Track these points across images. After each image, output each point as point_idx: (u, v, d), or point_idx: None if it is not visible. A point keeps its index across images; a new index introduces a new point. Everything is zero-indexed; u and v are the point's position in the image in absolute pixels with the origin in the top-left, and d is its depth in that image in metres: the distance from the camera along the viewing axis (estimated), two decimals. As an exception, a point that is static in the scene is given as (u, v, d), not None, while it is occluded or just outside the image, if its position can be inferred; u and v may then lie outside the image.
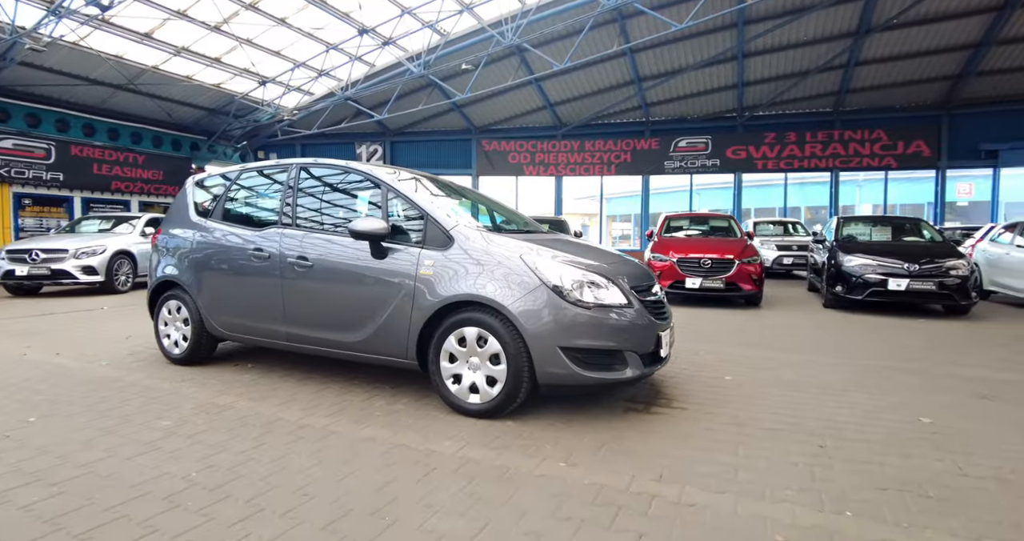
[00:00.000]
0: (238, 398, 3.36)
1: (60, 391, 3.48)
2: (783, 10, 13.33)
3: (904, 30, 13.84)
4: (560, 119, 18.87)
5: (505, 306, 2.85)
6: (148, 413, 3.07)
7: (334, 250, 3.39)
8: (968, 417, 3.17)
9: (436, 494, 2.15)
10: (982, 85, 15.43)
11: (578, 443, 2.69)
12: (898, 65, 15.22)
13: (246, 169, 4.13)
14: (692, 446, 2.69)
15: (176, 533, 1.86)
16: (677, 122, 18.77)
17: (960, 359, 4.68)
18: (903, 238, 8.74)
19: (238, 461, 2.44)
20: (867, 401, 3.44)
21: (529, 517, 1.99)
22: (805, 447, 2.70)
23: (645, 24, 13.95)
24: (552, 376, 2.83)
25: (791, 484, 2.29)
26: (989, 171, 16.65)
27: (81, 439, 2.68)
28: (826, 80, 16.16)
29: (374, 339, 3.24)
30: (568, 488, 2.22)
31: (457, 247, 3.07)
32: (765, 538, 1.88)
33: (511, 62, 15.60)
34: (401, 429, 2.86)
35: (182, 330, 4.10)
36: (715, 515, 2.03)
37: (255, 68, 14.32)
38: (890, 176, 18.05)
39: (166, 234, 4.28)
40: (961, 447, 2.71)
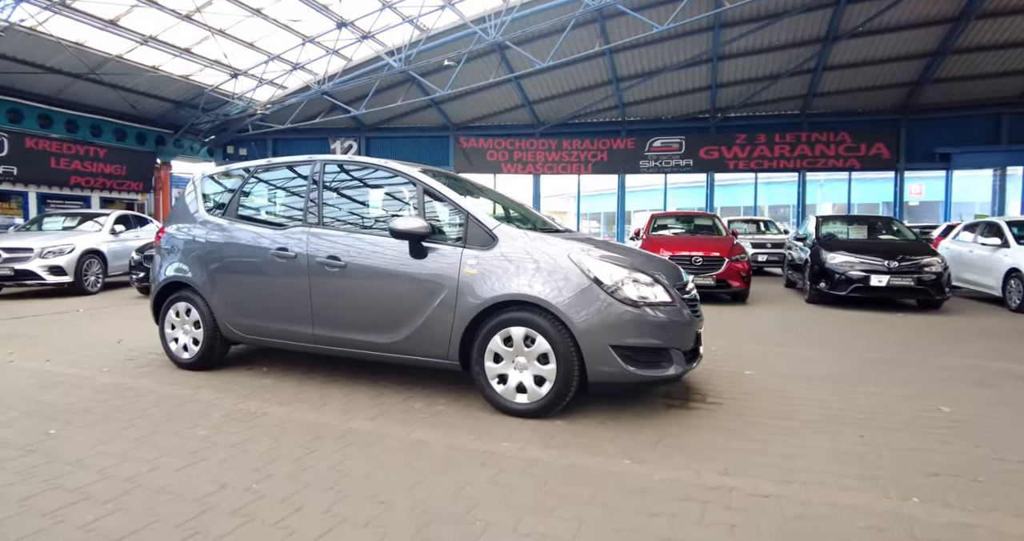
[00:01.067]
0: (266, 404, 3.24)
1: (70, 400, 3.28)
2: (758, 15, 13.73)
3: (868, 38, 14.46)
4: (538, 118, 18.92)
5: (555, 305, 2.84)
6: (177, 422, 2.93)
7: (368, 249, 3.30)
8: (978, 405, 3.34)
9: (516, 496, 2.13)
10: (937, 92, 16.29)
11: (634, 440, 2.71)
12: (862, 71, 15.91)
13: (262, 165, 3.98)
14: (742, 439, 2.75)
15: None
16: (652, 122, 19.11)
17: (950, 350, 4.94)
18: (879, 236, 9.15)
19: (296, 469, 2.36)
20: (883, 392, 3.59)
21: (618, 514, 2.00)
22: (846, 437, 2.80)
23: (625, 25, 14.12)
24: (603, 374, 2.85)
25: (848, 472, 2.37)
26: (942, 173, 17.61)
27: (116, 451, 2.53)
28: (795, 84, 16.74)
29: (413, 340, 3.17)
30: (644, 484, 2.24)
31: (501, 246, 3.04)
32: (848, 525, 1.94)
33: (491, 59, 15.54)
34: (451, 430, 2.82)
35: (192, 333, 3.93)
36: (792, 505, 2.09)
37: (227, 60, 13.80)
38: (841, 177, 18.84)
39: (172, 232, 4.08)
40: (985, 434, 2.86)
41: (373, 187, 3.62)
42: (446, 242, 3.17)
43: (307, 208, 3.58)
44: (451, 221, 3.24)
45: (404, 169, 3.45)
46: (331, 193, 3.63)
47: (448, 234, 3.21)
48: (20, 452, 2.52)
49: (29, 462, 2.41)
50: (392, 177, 3.54)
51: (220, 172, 4.19)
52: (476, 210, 3.18)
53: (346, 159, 3.67)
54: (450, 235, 3.21)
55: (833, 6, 13.35)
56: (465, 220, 3.16)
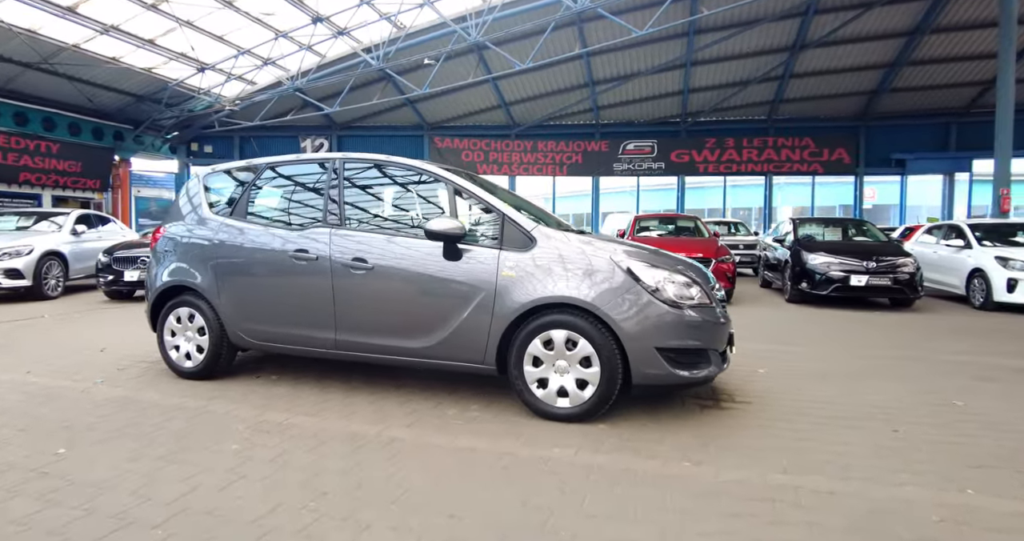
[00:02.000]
0: (290, 414, 3.08)
1: (69, 416, 3.02)
2: (732, 22, 14.12)
3: (832, 48, 15.10)
4: (514, 119, 18.92)
5: (601, 308, 2.81)
6: (200, 436, 2.74)
7: (398, 251, 3.19)
8: (988, 399, 3.49)
9: (590, 504, 2.08)
10: (894, 101, 17.15)
11: (682, 442, 2.70)
12: (826, 79, 16.59)
13: (272, 163, 3.79)
14: (785, 437, 2.78)
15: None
16: (625, 125, 19.40)
17: (939, 346, 5.17)
18: (853, 238, 9.53)
19: (348, 484, 2.23)
20: (894, 388, 3.71)
21: (698, 518, 1.97)
22: (881, 432, 2.87)
23: (603, 28, 14.26)
24: (648, 377, 2.83)
25: (896, 467, 2.43)
26: (894, 178, 18.57)
27: (142, 470, 2.34)
28: (763, 90, 17.31)
29: (447, 344, 3.08)
30: (711, 487, 2.22)
31: (540, 248, 2.98)
32: (923, 519, 1.98)
33: (469, 59, 15.43)
34: (495, 437, 2.74)
35: (196, 340, 3.70)
36: (860, 501, 2.11)
37: (194, 53, 13.21)
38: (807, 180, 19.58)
39: (173, 233, 3.84)
40: (1007, 425, 2.99)
41: (398, 186, 3.50)
42: (480, 244, 3.09)
43: (327, 208, 3.43)
44: (484, 222, 3.16)
45: (432, 168, 3.35)
46: (352, 192, 3.49)
47: (481, 235, 3.13)
48: (33, 474, 2.30)
49: (47, 486, 2.20)
50: (418, 176, 3.43)
51: (225, 169, 3.97)
52: (511, 211, 3.11)
53: (368, 157, 3.53)
54: (483, 236, 3.13)
55: (802, 16, 13.87)
56: (500, 221, 3.08)
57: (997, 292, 7.57)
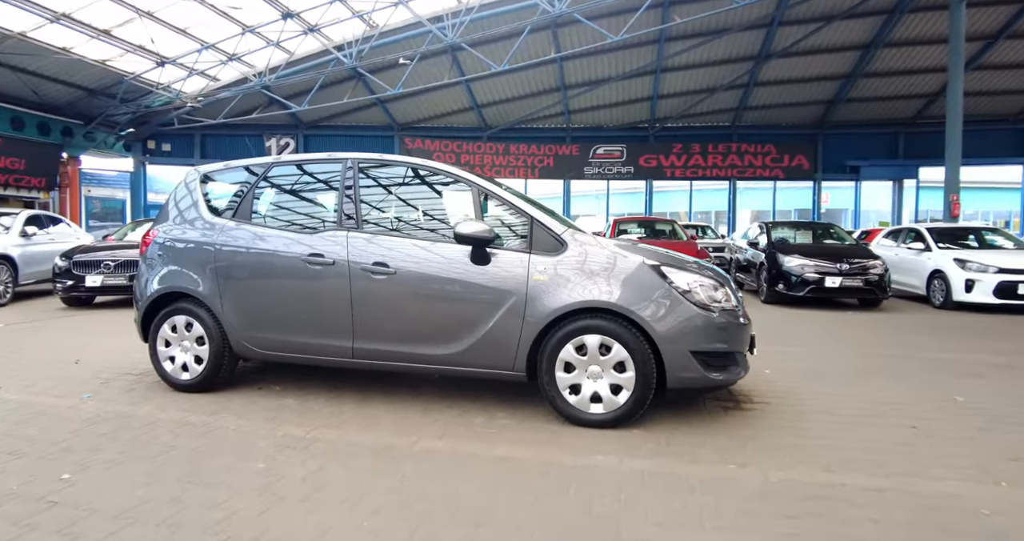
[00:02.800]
0: (309, 427, 2.92)
1: (63, 436, 2.77)
2: (701, 30, 14.51)
3: (795, 58, 15.73)
4: (486, 121, 18.87)
5: (637, 312, 2.79)
6: (216, 455, 2.56)
7: (422, 255, 3.08)
8: (984, 394, 3.66)
9: (652, 511, 2.05)
10: (849, 110, 18.02)
11: (719, 444, 2.71)
12: (787, 88, 17.27)
13: (276, 163, 3.61)
14: (814, 436, 2.83)
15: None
16: (596, 130, 19.65)
17: (920, 344, 5.41)
18: (823, 241, 9.91)
19: (400, 501, 2.12)
20: (896, 386, 3.84)
21: (763, 519, 1.97)
22: (900, 429, 2.96)
23: (577, 33, 14.40)
24: (683, 380, 2.83)
25: (929, 462, 2.51)
26: (851, 183, 19.51)
27: (165, 495, 2.16)
28: (729, 97, 17.87)
29: (475, 351, 2.99)
30: (764, 488, 2.23)
31: (572, 252, 2.94)
32: (973, 512, 2.04)
33: (443, 60, 15.29)
34: (533, 445, 2.68)
35: (194, 351, 3.48)
36: (908, 496, 2.17)
37: (153, 46, 12.56)
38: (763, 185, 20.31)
39: (166, 237, 3.60)
40: (1011, 418, 3.14)
41: (417, 189, 3.39)
42: (508, 247, 3.02)
43: (342, 210, 3.28)
44: (512, 225, 3.10)
45: (455, 171, 3.26)
46: (368, 194, 3.35)
47: (508, 239, 3.06)
48: (41, 504, 2.08)
49: (64, 517, 1.99)
50: (439, 178, 3.33)
51: (220, 169, 3.76)
52: (540, 214, 3.06)
53: (386, 158, 3.40)
54: (511, 240, 3.06)
55: (767, 27, 14.39)
56: (529, 224, 3.03)
57: (956, 292, 8.01)
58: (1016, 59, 15.10)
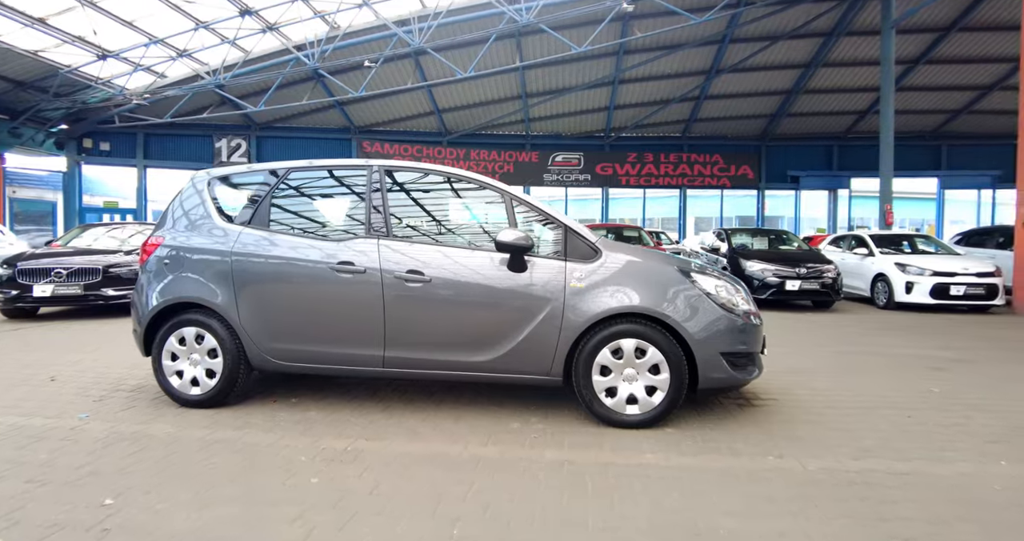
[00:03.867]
0: (348, 439, 2.86)
1: (82, 460, 2.58)
2: (658, 45, 15.12)
3: (742, 74, 16.68)
4: (446, 126, 18.83)
5: (671, 316, 2.93)
6: (265, 471, 2.47)
7: (457, 262, 3.09)
8: (954, 385, 4.05)
9: (721, 503, 2.17)
10: (790, 124, 19.27)
11: (752, 438, 2.88)
12: (734, 102, 18.27)
13: (296, 168, 3.51)
14: (828, 427, 3.07)
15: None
16: (554, 138, 20.03)
17: (880, 342, 5.89)
18: (778, 247, 10.55)
19: (478, 509, 2.13)
20: (877, 379, 4.19)
21: (819, 505, 2.13)
22: (897, 418, 3.24)
23: (540, 43, 14.69)
24: (714, 380, 2.99)
25: (936, 446, 2.79)
26: (792, 192, 20.83)
27: (226, 515, 2.07)
28: (680, 109, 18.69)
29: (512, 357, 3.03)
30: (806, 476, 2.41)
31: (606, 259, 3.05)
32: (989, 488, 2.31)
33: (406, 64, 15.16)
34: (580, 448, 2.75)
35: (206, 364, 3.32)
36: (933, 478, 2.41)
37: (96, 38, 11.74)
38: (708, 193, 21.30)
39: (173, 245, 3.42)
40: (985, 406, 3.50)
41: (447, 197, 3.40)
42: (543, 255, 3.09)
43: (370, 217, 3.24)
44: (546, 234, 3.17)
45: (486, 180, 3.29)
46: (396, 202, 3.32)
47: (542, 247, 3.13)
48: (95, 533, 1.94)
49: (125, 541, 1.88)
50: (470, 187, 3.35)
51: (231, 174, 3.61)
52: (573, 222, 3.15)
53: (412, 165, 3.39)
54: (544, 248, 3.13)
55: (719, 43, 15.19)
56: (563, 233, 3.11)
57: (898, 294, 8.74)
58: (932, 82, 16.67)
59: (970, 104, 17.70)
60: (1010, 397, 3.75)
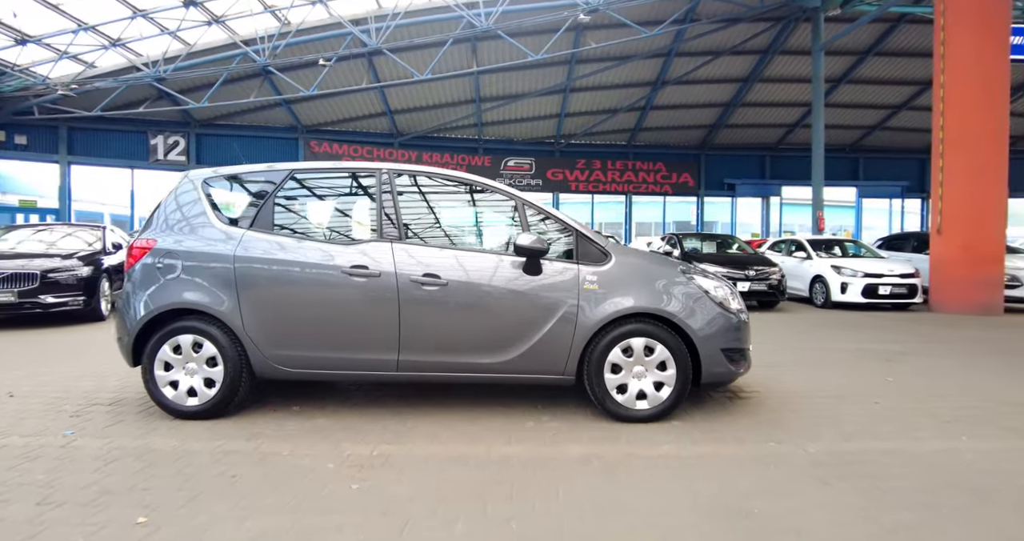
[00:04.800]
0: (369, 444, 2.82)
1: (87, 479, 2.41)
2: (609, 56, 15.66)
3: (685, 86, 17.56)
4: (397, 128, 18.59)
5: (677, 315, 3.11)
6: (296, 480, 2.41)
7: (473, 265, 3.14)
8: (901, 374, 4.50)
9: (747, 487, 2.35)
10: (727, 135, 20.45)
11: (748, 428, 3.11)
12: (677, 112, 19.19)
13: (299, 170, 3.42)
14: (812, 414, 3.35)
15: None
16: (507, 143, 20.24)
17: (830, 337, 6.43)
18: (726, 251, 11.20)
19: (527, 506, 2.20)
20: (837, 372, 4.57)
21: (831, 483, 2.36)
22: (867, 404, 3.58)
23: (495, 48, 14.84)
24: (715, 375, 3.20)
25: (907, 428, 3.11)
26: (728, 199, 22.09)
27: (279, 526, 2.01)
28: (627, 118, 19.41)
29: (527, 358, 3.12)
30: (812, 458, 2.65)
31: (616, 262, 3.20)
32: (961, 460, 2.62)
33: (358, 64, 14.87)
34: (600, 443, 2.87)
35: (204, 373, 3.17)
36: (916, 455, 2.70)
37: (15, 21, 10.75)
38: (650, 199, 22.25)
39: (168, 248, 3.25)
40: (936, 391, 3.94)
41: (459, 200, 3.43)
42: (556, 258, 3.20)
43: (381, 221, 3.23)
44: (557, 237, 3.28)
45: (497, 184, 3.36)
46: (407, 205, 3.33)
47: (554, 250, 3.24)
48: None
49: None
50: (481, 191, 3.41)
51: (228, 174, 3.47)
52: (582, 227, 3.28)
53: (424, 169, 3.40)
54: (556, 251, 3.24)
55: (665, 56, 15.93)
56: (574, 237, 3.23)
57: (834, 294, 9.53)
58: (852, 100, 18.22)
59: (883, 121, 19.50)
60: (950, 383, 4.23)
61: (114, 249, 8.10)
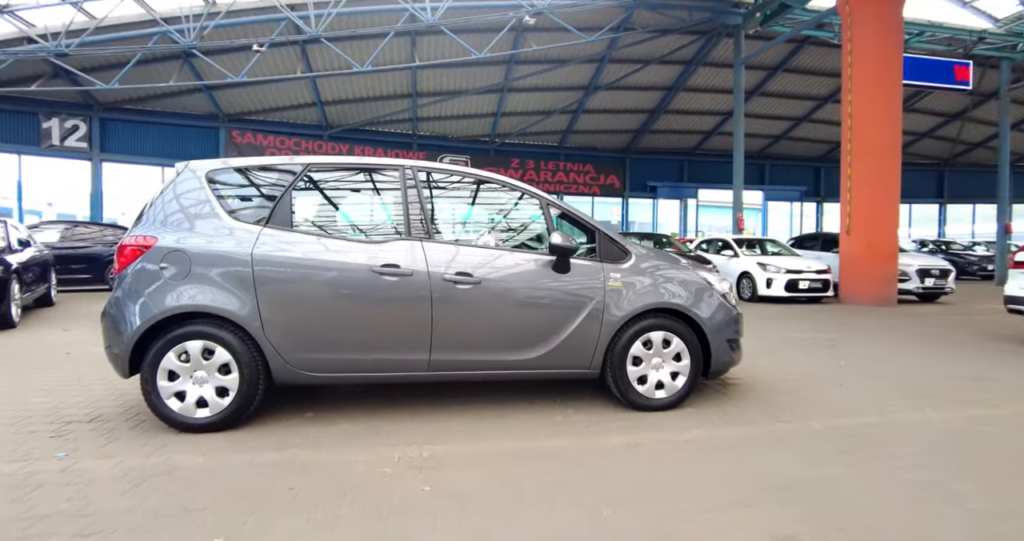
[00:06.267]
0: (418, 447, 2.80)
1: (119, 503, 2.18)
2: (547, 59, 16.00)
3: (615, 92, 18.35)
4: (328, 119, 17.83)
5: (692, 310, 3.36)
6: (362, 488, 2.34)
7: (504, 264, 3.18)
8: (848, 358, 5.11)
9: (781, 460, 2.63)
10: (651, 140, 21.61)
11: (753, 409, 3.43)
12: (606, 117, 20.00)
13: (318, 165, 3.26)
14: (797, 396, 3.75)
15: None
16: (441, 139, 20.05)
17: (770, 329, 7.06)
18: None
19: (604, 494, 2.32)
20: (797, 357, 5.10)
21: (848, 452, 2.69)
22: (835, 386, 4.05)
23: (435, 44, 14.68)
24: (721, 364, 3.49)
25: (878, 404, 3.58)
26: (651, 200, 23.36)
27: (366, 534, 1.98)
28: (560, 120, 19.93)
29: (556, 354, 3.22)
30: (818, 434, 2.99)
31: (635, 261, 3.38)
32: (935, 429, 3.06)
33: (290, 52, 14.08)
34: (629, 432, 3.03)
35: (216, 382, 2.95)
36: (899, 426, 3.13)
37: None
38: (580, 200, 23.04)
39: (174, 247, 2.98)
40: (881, 372, 4.51)
41: (485, 199, 3.44)
42: (581, 257, 3.32)
43: (408, 218, 3.17)
44: (581, 237, 3.40)
45: (521, 184, 3.42)
46: (436, 203, 3.29)
47: (585, 249, 3.37)
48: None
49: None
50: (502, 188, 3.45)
51: (238, 167, 3.24)
52: (604, 227, 3.42)
53: (448, 168, 3.37)
54: (587, 250, 3.37)
55: (599, 62, 16.55)
56: (597, 236, 3.37)
57: (760, 289, 10.46)
58: (762, 111, 19.94)
59: (787, 131, 21.54)
60: (890, 364, 4.86)
61: (20, 246, 7.15)
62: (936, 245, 18.61)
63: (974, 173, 24.46)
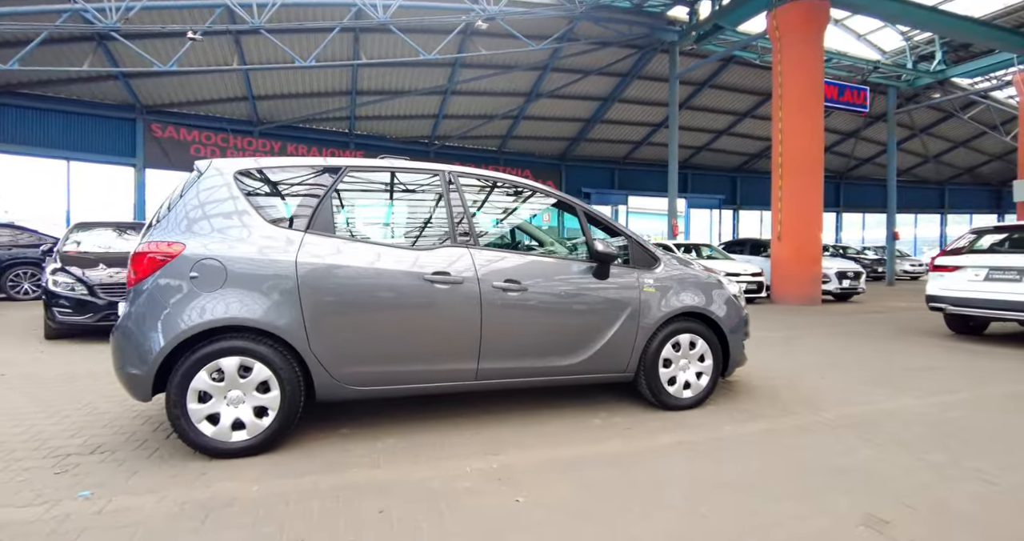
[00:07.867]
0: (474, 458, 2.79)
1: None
2: (492, 64, 16.08)
3: (555, 100, 18.79)
4: (259, 115, 16.78)
5: (714, 313, 3.58)
6: (449, 505, 2.34)
7: (549, 270, 3.22)
8: (808, 353, 5.63)
9: (819, 448, 2.88)
10: (586, 147, 22.32)
11: (763, 404, 3.71)
12: (545, 124, 20.41)
13: (357, 166, 3.12)
14: (793, 390, 4.07)
15: None
16: (380, 139, 19.51)
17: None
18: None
19: (691, 492, 2.44)
20: (767, 355, 5.54)
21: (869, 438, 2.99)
22: (818, 379, 4.47)
23: (378, 41, 14.31)
24: (736, 364, 3.73)
25: (860, 394, 3.98)
26: (585, 206, 24.09)
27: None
28: (501, 125, 20.09)
29: (596, 358, 3.30)
30: (837, 423, 3.29)
31: (664, 267, 3.54)
32: (916, 413, 3.45)
33: (224, 41, 13.13)
34: (669, 431, 3.18)
35: (255, 401, 2.74)
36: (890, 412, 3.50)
37: None
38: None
39: (205, 254, 2.72)
40: (844, 364, 5.01)
41: (520, 206, 3.44)
42: (617, 264, 3.43)
43: (454, 225, 3.12)
44: (616, 243, 3.51)
45: (557, 192, 3.47)
46: (475, 209, 3.25)
47: (620, 256, 3.47)
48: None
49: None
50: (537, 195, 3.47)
51: (266, 168, 3.01)
52: (636, 234, 3.55)
53: (484, 173, 3.34)
54: (622, 257, 3.48)
55: (542, 70, 16.89)
56: (630, 243, 3.49)
57: (703, 290, 11.17)
58: (687, 123, 21.25)
59: (708, 143, 23.10)
60: (848, 358, 5.40)
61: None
62: (835, 250, 20.75)
63: (865, 185, 27.56)
